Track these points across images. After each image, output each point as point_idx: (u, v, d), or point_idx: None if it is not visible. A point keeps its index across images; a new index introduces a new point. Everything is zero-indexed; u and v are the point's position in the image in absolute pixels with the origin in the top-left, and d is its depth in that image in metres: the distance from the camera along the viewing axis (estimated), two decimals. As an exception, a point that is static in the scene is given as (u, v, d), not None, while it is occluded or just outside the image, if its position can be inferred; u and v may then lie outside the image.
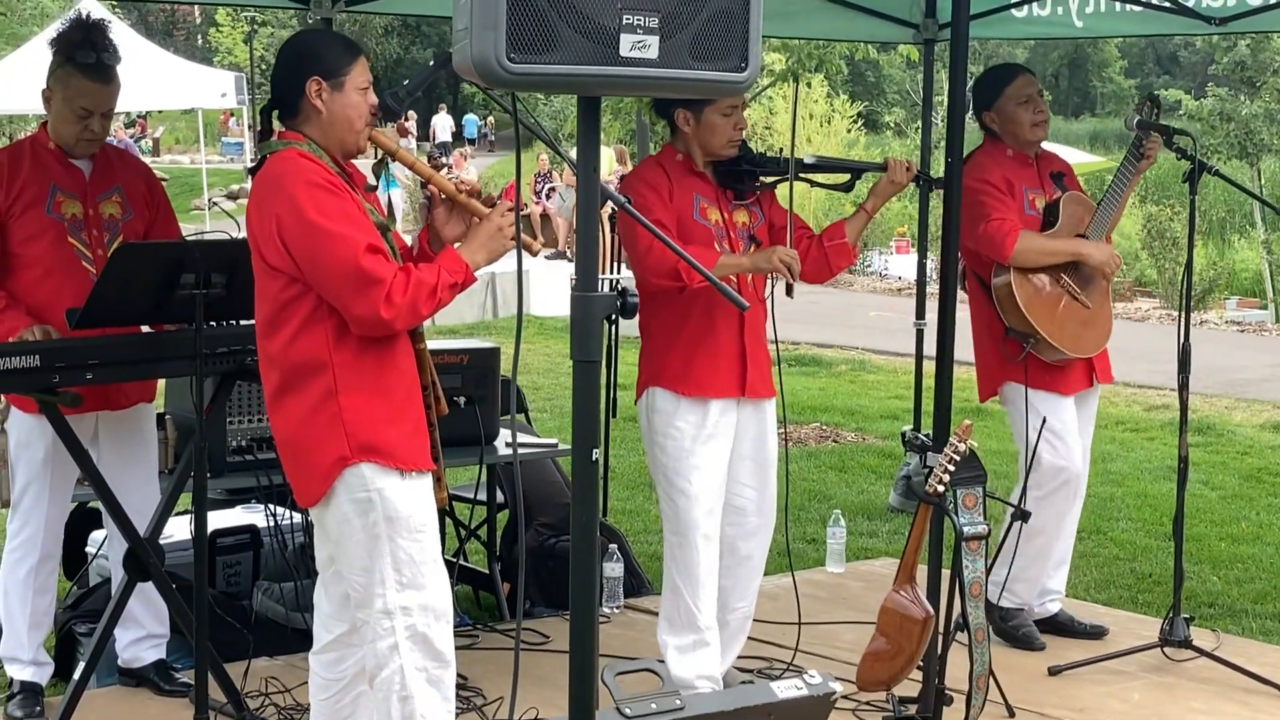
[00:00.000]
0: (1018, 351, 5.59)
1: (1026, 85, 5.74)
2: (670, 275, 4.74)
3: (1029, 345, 5.58)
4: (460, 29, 2.85)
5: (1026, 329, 5.56)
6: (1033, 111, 5.72)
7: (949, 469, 4.48)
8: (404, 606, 3.86)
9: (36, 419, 4.80)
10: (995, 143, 5.80)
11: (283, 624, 5.70)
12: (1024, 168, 5.77)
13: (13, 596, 5.02)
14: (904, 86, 47.05)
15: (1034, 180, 5.77)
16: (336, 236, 3.71)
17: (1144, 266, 21.73)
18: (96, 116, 4.94)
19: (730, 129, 4.94)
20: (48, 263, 4.89)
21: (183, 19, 54.23)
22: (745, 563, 5.14)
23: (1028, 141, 5.77)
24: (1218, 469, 10.14)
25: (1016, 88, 5.73)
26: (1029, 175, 5.77)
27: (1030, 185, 5.75)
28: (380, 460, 3.83)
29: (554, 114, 35.51)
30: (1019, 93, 5.73)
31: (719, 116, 4.91)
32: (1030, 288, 5.59)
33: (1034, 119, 5.73)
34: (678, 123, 4.96)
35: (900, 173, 5.07)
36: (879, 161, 5.15)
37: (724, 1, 2.89)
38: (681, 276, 4.73)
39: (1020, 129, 5.73)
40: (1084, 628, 5.95)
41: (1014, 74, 5.81)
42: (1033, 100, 5.73)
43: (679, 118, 4.95)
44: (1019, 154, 5.78)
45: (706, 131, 4.94)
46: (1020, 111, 5.72)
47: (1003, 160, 5.75)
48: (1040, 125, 5.76)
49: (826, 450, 10.61)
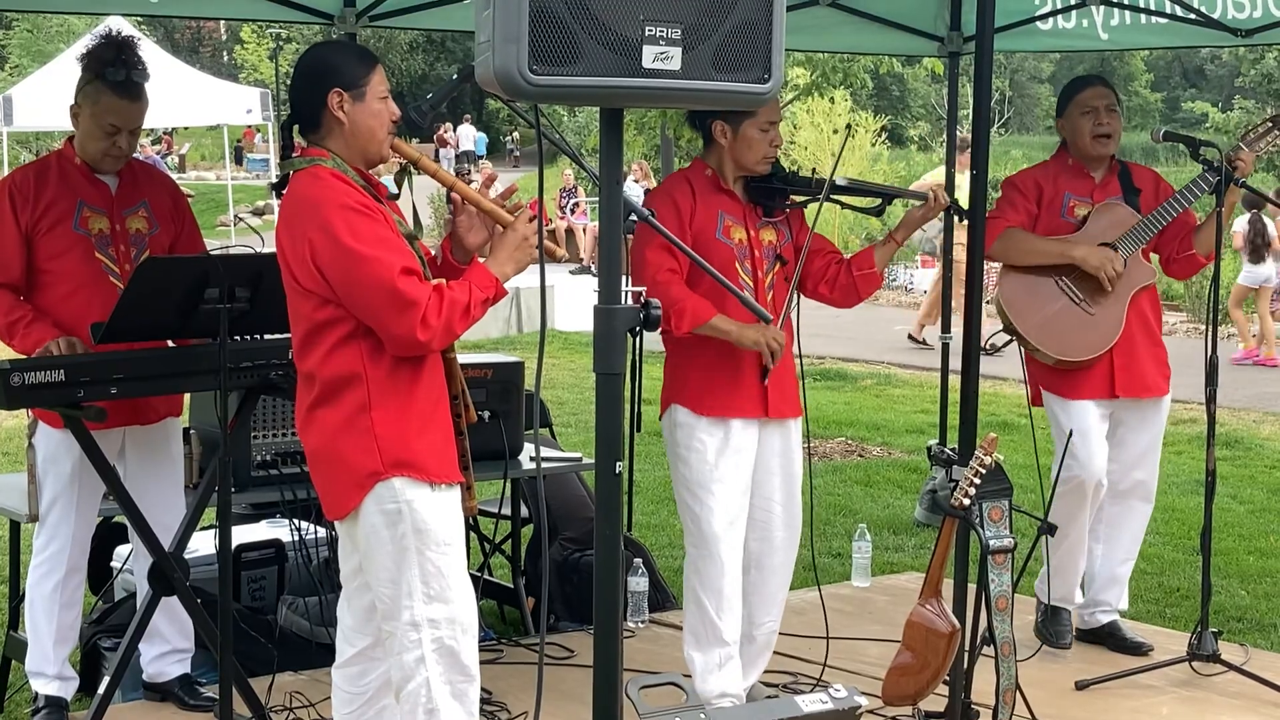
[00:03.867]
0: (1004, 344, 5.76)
1: (1095, 97, 5.75)
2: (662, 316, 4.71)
3: (1012, 342, 5.75)
4: (483, 41, 2.85)
5: (1006, 325, 5.70)
6: (1094, 123, 5.71)
7: (974, 482, 4.46)
8: (431, 619, 3.86)
9: (63, 434, 4.80)
10: (1062, 150, 5.87)
11: (307, 638, 5.71)
12: (1076, 178, 5.79)
13: (39, 611, 5.02)
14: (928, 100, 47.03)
15: (1085, 190, 5.78)
16: (372, 260, 3.71)
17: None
18: (124, 133, 4.96)
19: (766, 145, 4.93)
20: (75, 278, 4.91)
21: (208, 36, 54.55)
22: (772, 578, 5.13)
23: (1088, 154, 5.76)
24: (1245, 483, 10.09)
25: (1084, 97, 5.76)
26: (1080, 185, 5.78)
27: (1078, 194, 5.77)
28: (411, 474, 3.84)
29: (578, 129, 35.58)
30: (1085, 103, 5.75)
31: (757, 131, 4.90)
32: (1017, 287, 5.69)
33: (1094, 130, 5.71)
34: (714, 134, 4.94)
35: (933, 206, 5.06)
36: (911, 189, 5.15)
37: (747, 13, 2.89)
38: (670, 321, 4.72)
39: (1080, 138, 5.75)
40: (1127, 641, 5.93)
41: (1086, 84, 5.83)
42: (1096, 112, 5.72)
43: (716, 130, 4.93)
44: (1078, 164, 5.79)
45: (743, 146, 4.92)
46: (1082, 121, 5.74)
47: (1054, 168, 5.82)
48: (1101, 140, 5.73)
49: (852, 464, 10.58)
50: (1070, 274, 5.66)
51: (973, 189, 4.87)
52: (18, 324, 4.82)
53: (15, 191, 4.92)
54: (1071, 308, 5.66)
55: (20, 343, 4.81)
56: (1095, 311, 5.66)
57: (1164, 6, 7.15)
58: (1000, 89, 48.92)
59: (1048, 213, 5.75)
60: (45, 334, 4.76)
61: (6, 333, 4.86)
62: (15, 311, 4.85)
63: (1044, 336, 5.65)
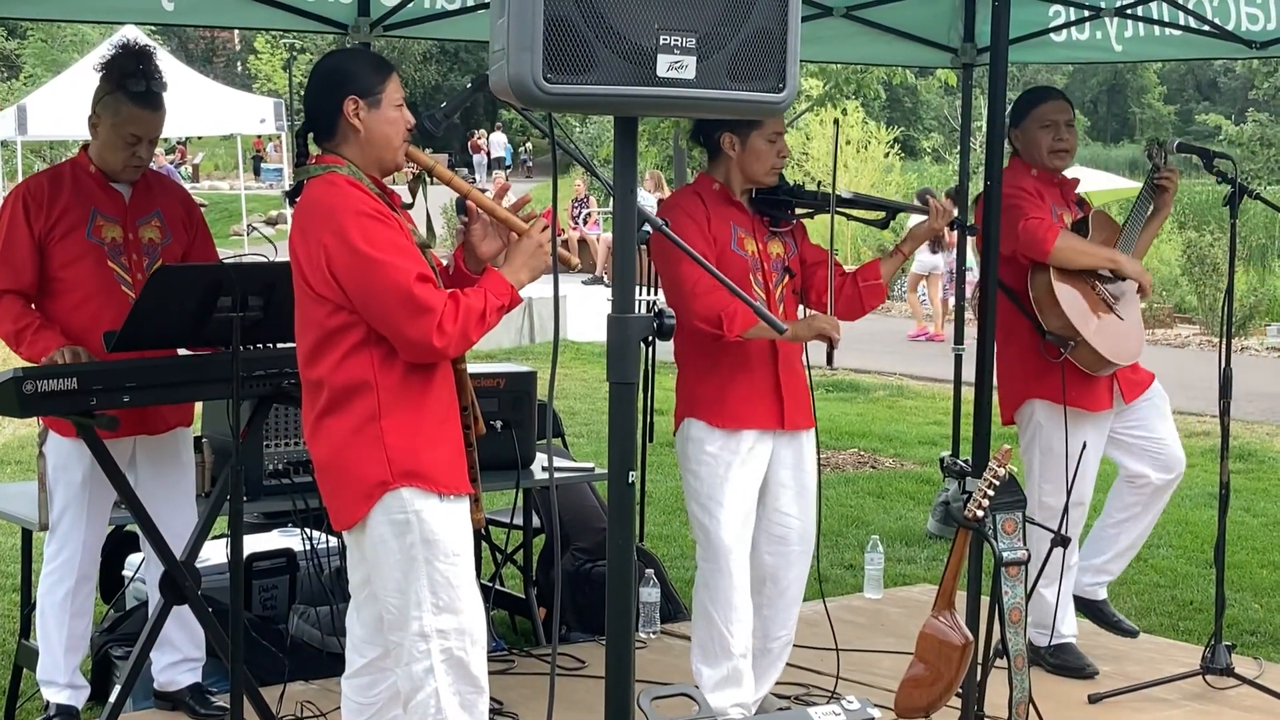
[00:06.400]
0: (1056, 354, 5.54)
1: (1053, 111, 5.71)
2: (714, 322, 4.74)
3: (1068, 350, 5.53)
4: (497, 50, 2.84)
5: (1067, 331, 5.52)
6: (1052, 138, 5.68)
7: (988, 494, 4.45)
8: (440, 630, 3.85)
9: (75, 442, 4.81)
10: (1019, 161, 5.78)
11: (319, 648, 5.70)
12: (1049, 186, 5.75)
13: (50, 619, 5.02)
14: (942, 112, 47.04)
15: (1060, 199, 5.76)
16: (388, 266, 3.71)
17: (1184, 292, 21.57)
18: (144, 143, 4.98)
19: (774, 155, 4.93)
20: (88, 287, 4.91)
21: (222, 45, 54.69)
22: (786, 591, 5.12)
23: (1045, 166, 5.74)
24: (1259, 496, 10.06)
25: (1043, 111, 5.71)
26: (1055, 194, 5.75)
27: (1056, 203, 5.74)
28: (420, 484, 3.82)
29: (590, 140, 35.61)
30: (1044, 117, 5.70)
31: (764, 142, 4.90)
32: (1071, 289, 5.57)
33: (1052, 145, 5.68)
34: (723, 146, 4.94)
35: (938, 219, 5.04)
36: (915, 203, 5.13)
37: (762, 21, 2.88)
38: (723, 325, 4.73)
39: (1038, 152, 5.70)
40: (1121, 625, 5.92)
41: (1045, 97, 5.80)
42: (1055, 127, 5.68)
43: (724, 141, 4.93)
44: (1044, 174, 5.75)
45: (750, 157, 4.92)
46: (1040, 135, 5.69)
47: (1027, 177, 5.73)
48: (1058, 154, 5.70)
49: (864, 476, 10.57)
50: (1104, 280, 5.61)
51: (986, 201, 4.86)
52: (25, 331, 4.83)
53: (29, 198, 4.93)
54: (1109, 314, 5.61)
55: (27, 350, 4.82)
56: (1125, 316, 5.64)
57: (1178, 18, 7.14)
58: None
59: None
60: (52, 342, 4.76)
61: (14, 340, 4.87)
62: (24, 319, 4.86)
63: (1103, 340, 5.54)
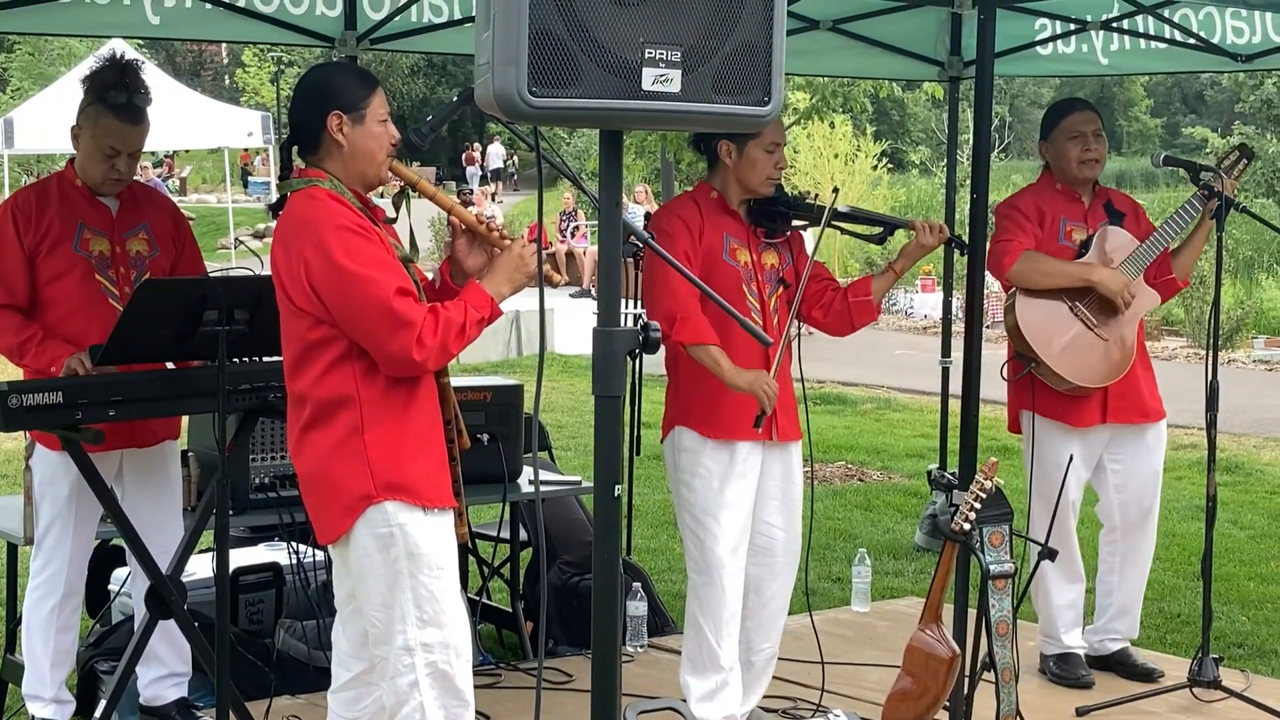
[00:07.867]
0: (1018, 371, 5.66)
1: (1081, 122, 5.73)
2: (666, 319, 4.67)
3: (1029, 368, 5.62)
4: (482, 64, 2.84)
5: (1027, 351, 5.60)
6: (1080, 149, 5.70)
7: (975, 507, 4.45)
8: (425, 643, 3.84)
9: (60, 456, 4.79)
10: (1047, 174, 5.84)
11: (305, 662, 5.69)
12: (1069, 202, 5.77)
13: (35, 634, 5.01)
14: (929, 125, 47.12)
15: (1078, 215, 5.76)
16: (368, 280, 3.71)
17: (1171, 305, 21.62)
18: (123, 156, 4.95)
19: (771, 166, 4.93)
20: (75, 300, 4.90)
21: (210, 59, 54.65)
22: (770, 603, 5.11)
23: (1074, 178, 5.75)
24: (1246, 508, 10.07)
25: (1070, 122, 5.74)
26: (1073, 210, 5.76)
27: (1072, 218, 5.74)
28: (404, 498, 3.82)
29: (578, 153, 35.64)
30: (1071, 128, 5.73)
31: (761, 152, 4.91)
32: (1035, 311, 5.61)
33: (1081, 156, 5.71)
34: (720, 154, 4.95)
35: (929, 235, 5.02)
36: (910, 219, 5.14)
37: (747, 35, 2.88)
38: (675, 326, 4.71)
39: (1067, 164, 5.73)
40: (1137, 668, 5.89)
41: (1072, 109, 5.82)
42: (1083, 137, 5.70)
43: (721, 149, 4.94)
44: (1067, 188, 5.78)
45: (747, 166, 4.93)
46: (1068, 146, 5.72)
47: (1046, 192, 5.79)
48: (1088, 164, 5.72)
49: (852, 489, 10.56)
50: (1082, 298, 5.62)
51: (972, 214, 4.86)
52: (29, 342, 4.82)
53: (18, 212, 4.91)
54: (1086, 333, 5.61)
55: (34, 360, 4.80)
56: (1108, 336, 5.63)
57: (1163, 32, 7.17)
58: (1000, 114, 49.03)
59: (1046, 237, 5.72)
60: (61, 350, 4.75)
61: (17, 352, 4.85)
62: (25, 331, 4.84)
63: (1064, 362, 5.58)
